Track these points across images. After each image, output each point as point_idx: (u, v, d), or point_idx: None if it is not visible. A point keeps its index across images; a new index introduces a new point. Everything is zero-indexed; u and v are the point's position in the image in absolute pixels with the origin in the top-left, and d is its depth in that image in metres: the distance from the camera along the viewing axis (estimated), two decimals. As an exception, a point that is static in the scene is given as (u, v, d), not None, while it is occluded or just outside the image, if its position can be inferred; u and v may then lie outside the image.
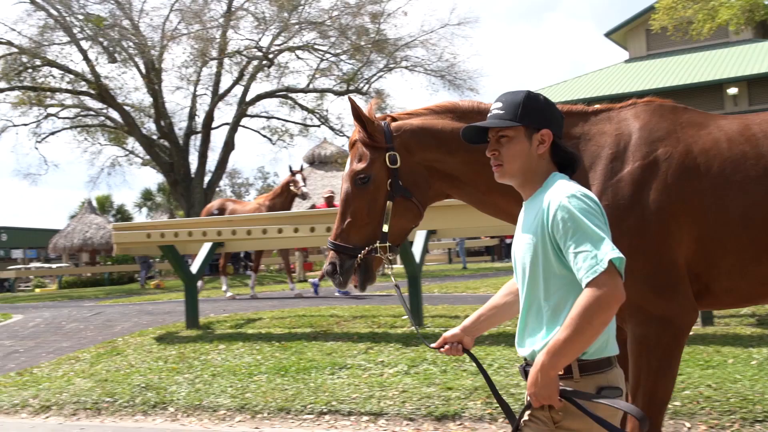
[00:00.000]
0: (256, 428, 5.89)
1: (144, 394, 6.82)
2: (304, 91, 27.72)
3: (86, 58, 24.84)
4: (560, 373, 2.12)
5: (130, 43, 24.72)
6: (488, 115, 2.41)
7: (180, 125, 28.10)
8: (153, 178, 77.69)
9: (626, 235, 2.88)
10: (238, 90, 27.66)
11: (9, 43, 24.68)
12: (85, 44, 25.10)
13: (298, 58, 28.40)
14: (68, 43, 24.98)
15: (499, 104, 2.37)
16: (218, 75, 26.97)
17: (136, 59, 25.80)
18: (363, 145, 3.23)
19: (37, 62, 24.77)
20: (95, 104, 27.40)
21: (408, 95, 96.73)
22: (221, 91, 27.26)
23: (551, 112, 2.36)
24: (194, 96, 27.44)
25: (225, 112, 37.97)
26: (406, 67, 26.87)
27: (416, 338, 7.33)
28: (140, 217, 53.73)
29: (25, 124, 27.24)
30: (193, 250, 10.03)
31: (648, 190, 2.97)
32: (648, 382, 2.92)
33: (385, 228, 3.15)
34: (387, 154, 3.17)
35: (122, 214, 53.22)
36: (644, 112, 3.16)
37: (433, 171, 3.25)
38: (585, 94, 26.63)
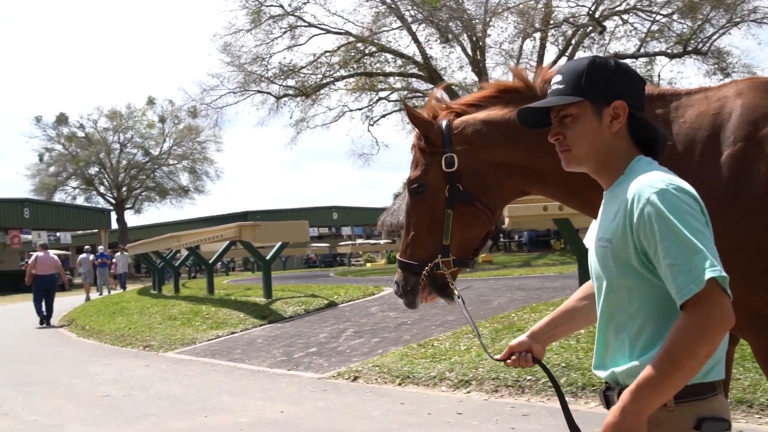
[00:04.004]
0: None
1: (568, 374, 6.43)
2: (634, 56, 26.13)
3: (416, 41, 25.67)
4: None
5: (458, 22, 25.05)
6: (548, 91, 1.98)
7: (500, 101, 28.05)
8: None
9: (731, 227, 2.45)
10: (562, 62, 26.90)
11: (347, 33, 26.35)
12: (414, 27, 25.95)
13: (624, 22, 26.88)
14: (399, 27, 26.01)
15: (559, 77, 1.95)
16: (542, 47, 26.43)
17: (461, 38, 26.15)
18: (418, 149, 2.93)
19: (372, 49, 26.12)
20: (421, 86, 28.38)
21: (756, 52, 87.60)
22: (545, 63, 26.68)
23: (625, 80, 1.92)
24: (516, 71, 27.18)
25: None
26: (753, 20, 24.09)
27: None
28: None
29: (359, 109, 29.08)
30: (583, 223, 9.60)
31: (754, 173, 2.51)
32: None
33: (447, 240, 2.83)
34: (443, 157, 2.82)
35: (438, 192, 55.29)
36: (747, 88, 2.66)
37: (504, 167, 2.84)
38: None
